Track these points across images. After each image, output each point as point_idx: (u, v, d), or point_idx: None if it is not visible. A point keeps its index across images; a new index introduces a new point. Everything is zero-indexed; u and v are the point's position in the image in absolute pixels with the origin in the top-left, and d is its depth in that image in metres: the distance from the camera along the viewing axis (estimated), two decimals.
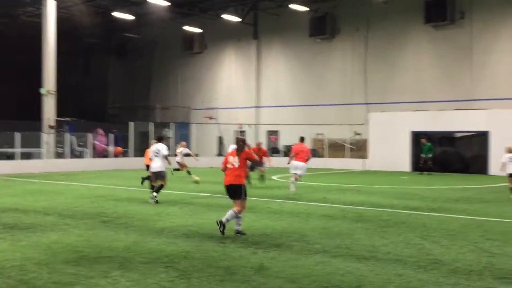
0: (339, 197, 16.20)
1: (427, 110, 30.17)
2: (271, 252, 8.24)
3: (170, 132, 35.89)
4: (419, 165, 28.08)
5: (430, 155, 27.39)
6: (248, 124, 38.64)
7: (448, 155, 29.68)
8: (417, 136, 29.39)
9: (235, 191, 9.49)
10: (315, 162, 27.52)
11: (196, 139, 34.41)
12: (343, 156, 32.87)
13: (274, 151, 35.86)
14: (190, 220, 11.36)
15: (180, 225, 10.68)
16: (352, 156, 32.88)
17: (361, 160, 32.06)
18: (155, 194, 14.23)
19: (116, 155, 32.52)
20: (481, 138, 28.24)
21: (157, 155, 14.36)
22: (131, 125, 32.58)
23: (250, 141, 38.12)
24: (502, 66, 29.50)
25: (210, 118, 40.10)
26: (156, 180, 14.52)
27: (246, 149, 9.89)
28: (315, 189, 18.79)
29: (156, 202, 14.07)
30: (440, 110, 29.73)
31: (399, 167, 29.75)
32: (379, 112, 31.89)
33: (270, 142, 37.81)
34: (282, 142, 36.65)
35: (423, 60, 32.17)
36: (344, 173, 27.96)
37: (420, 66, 32.23)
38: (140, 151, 34.59)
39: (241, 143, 9.83)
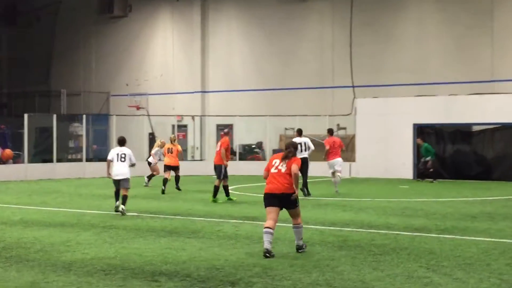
0: (317, 214, 16.25)
1: (434, 95, 30.64)
2: None
3: (81, 128, 35.41)
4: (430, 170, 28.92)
5: (429, 157, 28.49)
6: (191, 116, 38.51)
7: (463, 155, 30.17)
8: (421, 130, 29.84)
9: (288, 200, 10.71)
10: None
11: (117, 136, 34.00)
12: (321, 159, 33.01)
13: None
14: (111, 250, 11.27)
15: (95, 257, 10.59)
16: None
17: (346, 164, 32.29)
18: (123, 207, 16.00)
19: (3, 161, 31.94)
20: (507, 132, 28.83)
21: (123, 160, 16.42)
22: (26, 118, 32.03)
23: (195, 139, 38.15)
24: None
25: (138, 108, 39.80)
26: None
27: (297, 157, 11.10)
28: None
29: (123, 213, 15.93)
30: (451, 95, 30.23)
31: (398, 173, 30.14)
32: (369, 98, 32.24)
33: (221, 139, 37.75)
34: (238, 140, 36.59)
35: (428, 28, 32.67)
36: (323, 182, 28.14)
37: (424, 36, 32.73)
38: (39, 154, 34.10)
39: (292, 149, 11.08)
